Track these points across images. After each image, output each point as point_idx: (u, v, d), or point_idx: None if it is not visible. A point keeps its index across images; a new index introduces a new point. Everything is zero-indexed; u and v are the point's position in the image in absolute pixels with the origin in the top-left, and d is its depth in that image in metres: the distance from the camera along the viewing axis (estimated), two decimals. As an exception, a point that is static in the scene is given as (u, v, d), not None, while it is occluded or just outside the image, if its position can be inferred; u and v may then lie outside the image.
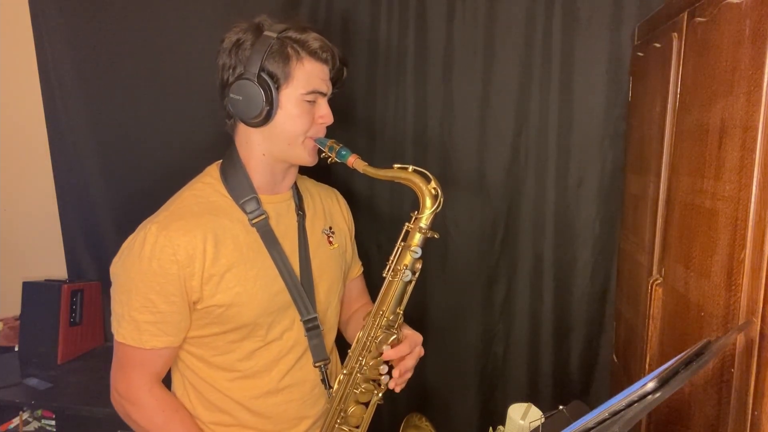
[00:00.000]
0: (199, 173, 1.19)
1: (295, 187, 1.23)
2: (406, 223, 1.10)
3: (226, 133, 1.18)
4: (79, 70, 1.87)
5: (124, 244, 1.06)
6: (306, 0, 1.70)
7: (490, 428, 1.14)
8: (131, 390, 1.07)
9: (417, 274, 1.10)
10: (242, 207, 1.11)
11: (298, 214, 1.20)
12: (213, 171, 1.16)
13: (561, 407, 1.02)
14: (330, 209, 1.32)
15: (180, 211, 1.08)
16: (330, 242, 1.26)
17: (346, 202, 1.39)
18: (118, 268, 1.07)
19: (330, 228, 1.28)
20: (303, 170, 1.25)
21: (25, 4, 1.88)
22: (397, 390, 1.12)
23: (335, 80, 1.16)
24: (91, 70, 1.87)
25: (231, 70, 1.08)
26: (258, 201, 1.12)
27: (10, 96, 2.01)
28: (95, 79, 1.87)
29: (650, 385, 0.61)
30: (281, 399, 1.16)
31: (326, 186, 1.38)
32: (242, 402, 1.14)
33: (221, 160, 1.17)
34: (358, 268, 1.41)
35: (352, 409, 1.15)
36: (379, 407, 1.18)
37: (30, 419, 1.87)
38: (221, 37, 1.10)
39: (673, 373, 0.63)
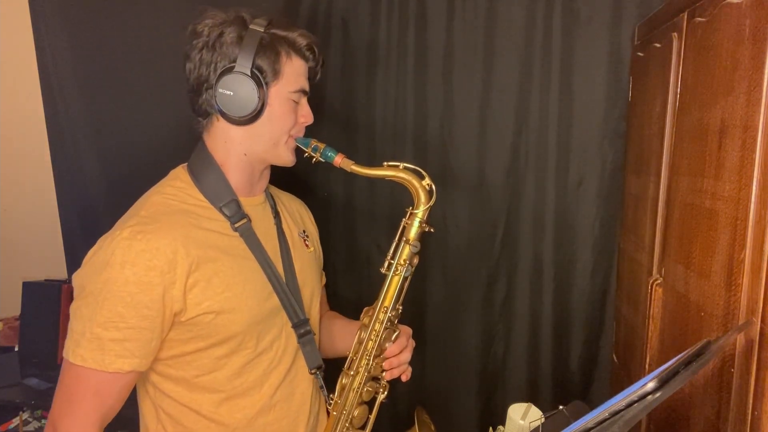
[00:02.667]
0: None
1: (267, 190, 1.19)
2: (403, 219, 1.10)
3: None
4: (79, 71, 1.87)
5: (87, 256, 0.96)
6: (306, 0, 1.70)
7: (490, 428, 1.14)
8: (77, 428, 0.94)
9: (413, 269, 1.11)
10: (222, 211, 1.04)
11: (275, 217, 1.17)
12: (181, 175, 1.08)
13: (561, 407, 1.02)
14: (300, 214, 1.30)
15: (154, 215, 0.98)
16: (307, 245, 1.24)
17: (309, 210, 1.37)
18: (80, 279, 0.95)
19: (304, 231, 1.26)
20: (288, 172, 1.24)
21: (25, 4, 1.87)
22: (404, 378, 1.13)
23: (312, 79, 1.14)
24: (91, 71, 1.86)
25: (212, 66, 1.02)
26: (238, 204, 1.06)
27: (10, 96, 2.01)
28: (95, 79, 1.86)
29: (650, 385, 0.61)
30: (273, 417, 1.10)
31: (290, 194, 1.35)
32: (231, 425, 1.06)
33: (186, 163, 1.11)
34: (323, 278, 1.38)
35: (356, 411, 1.14)
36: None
37: (30, 419, 1.86)
38: (192, 29, 1.03)
39: (673, 373, 0.63)
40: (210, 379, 1.03)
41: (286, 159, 1.11)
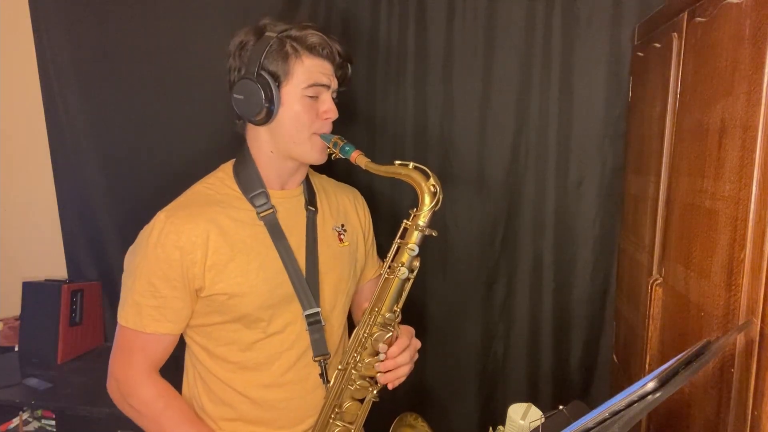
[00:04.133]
0: (199, 173, 1.20)
1: (307, 183, 1.24)
2: (405, 221, 1.09)
3: (229, 133, 1.20)
4: (79, 70, 1.87)
5: (140, 233, 1.10)
6: (306, 0, 1.70)
7: (490, 428, 1.14)
8: (130, 375, 1.08)
9: (415, 272, 1.10)
10: (251, 201, 1.13)
11: (308, 210, 1.21)
12: (226, 167, 1.20)
13: (561, 407, 1.02)
14: (345, 207, 1.32)
15: (188, 201, 1.12)
16: (340, 239, 1.26)
17: (365, 202, 1.38)
18: (128, 254, 1.11)
19: (342, 225, 1.28)
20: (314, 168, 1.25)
21: (25, 4, 1.88)
22: (390, 387, 1.12)
23: (342, 78, 1.17)
24: (91, 70, 1.87)
25: (236, 72, 1.11)
26: (267, 195, 1.14)
27: (10, 96, 2.01)
28: (95, 79, 1.87)
29: (650, 385, 0.61)
30: (282, 395, 1.16)
31: (346, 185, 1.38)
32: (244, 392, 1.15)
33: (235, 158, 1.20)
34: (374, 270, 1.40)
35: (347, 405, 1.15)
36: (379, 405, 1.18)
37: (30, 419, 1.86)
38: (228, 41, 1.12)
39: (673, 373, 0.63)
40: (225, 350, 1.14)
41: (312, 157, 1.15)
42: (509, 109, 1.65)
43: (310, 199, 1.23)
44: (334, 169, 1.71)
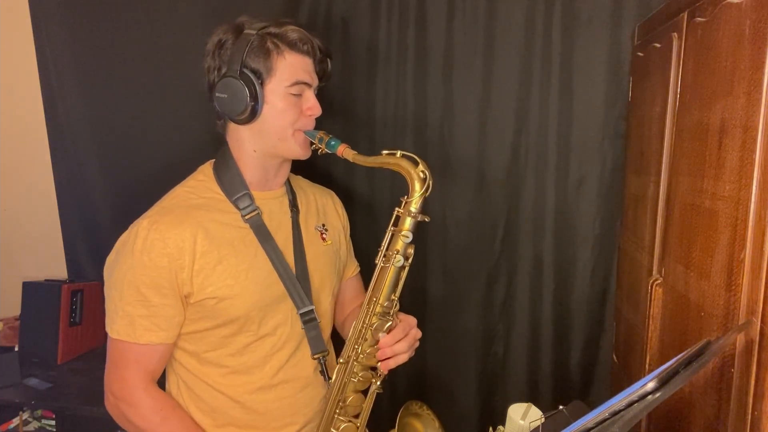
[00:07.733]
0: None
1: (288, 184, 1.25)
2: (396, 208, 1.09)
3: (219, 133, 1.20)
4: (79, 71, 1.87)
5: (117, 242, 1.08)
6: (306, 0, 1.70)
7: (490, 428, 1.14)
8: (126, 389, 1.06)
9: (410, 260, 1.10)
10: (235, 203, 1.12)
11: (291, 210, 1.21)
12: (206, 169, 1.18)
13: (561, 407, 1.02)
14: (324, 207, 1.33)
15: (171, 206, 1.10)
16: (323, 239, 1.27)
17: (341, 202, 1.40)
18: (109, 265, 1.08)
19: (323, 225, 1.29)
20: (301, 166, 1.25)
21: (25, 4, 1.87)
22: (383, 369, 1.12)
23: (321, 73, 1.17)
24: (91, 70, 1.87)
25: (216, 71, 1.10)
26: (251, 197, 1.14)
27: (10, 96, 2.01)
28: (95, 79, 1.87)
29: (650, 385, 0.61)
30: (274, 395, 1.16)
31: (321, 186, 1.39)
32: (235, 398, 1.14)
33: (214, 159, 1.19)
34: (354, 268, 1.42)
35: (350, 398, 1.15)
36: (379, 397, 1.18)
37: (30, 419, 1.87)
38: (207, 41, 1.12)
39: (673, 373, 0.63)
40: (216, 355, 1.12)
41: (297, 152, 1.15)
42: (509, 109, 1.64)
43: (293, 200, 1.24)
44: (333, 174, 1.72)
